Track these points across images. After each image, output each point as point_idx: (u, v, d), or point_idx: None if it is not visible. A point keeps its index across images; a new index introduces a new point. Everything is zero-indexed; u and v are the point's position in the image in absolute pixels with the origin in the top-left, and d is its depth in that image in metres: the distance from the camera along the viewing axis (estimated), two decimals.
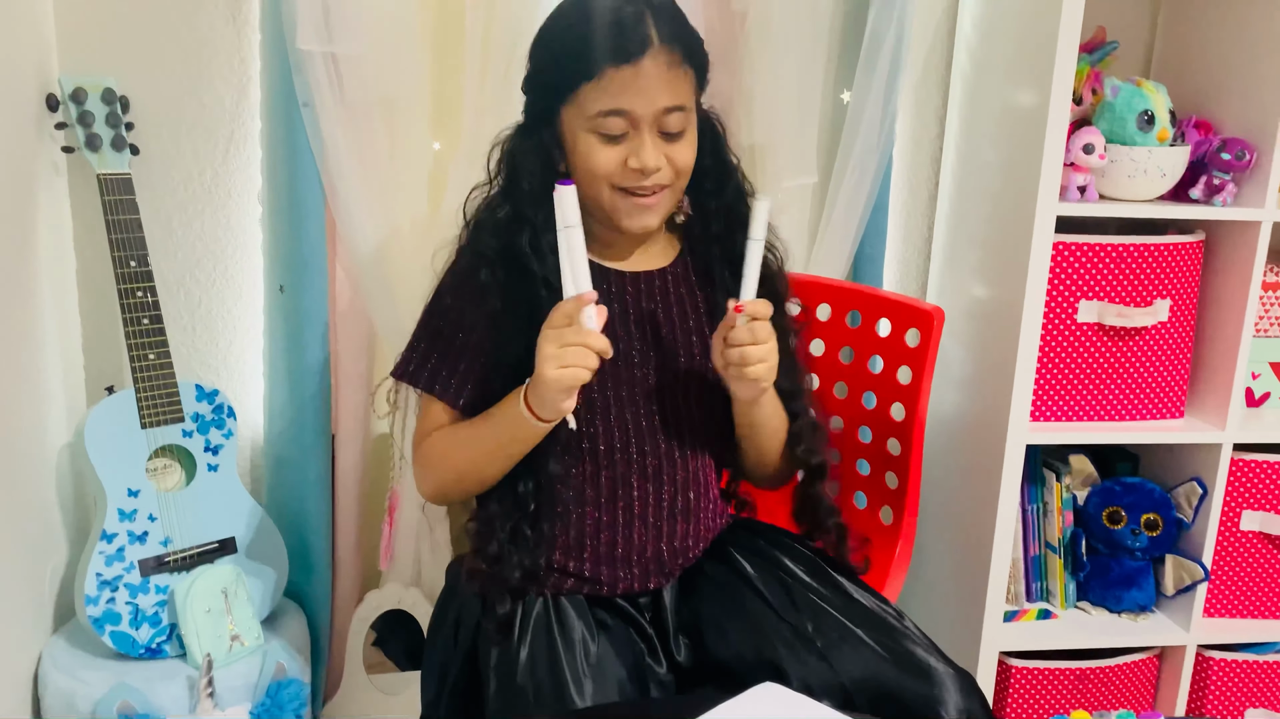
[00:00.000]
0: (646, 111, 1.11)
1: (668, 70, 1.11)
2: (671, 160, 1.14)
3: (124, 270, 1.51)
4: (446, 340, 1.20)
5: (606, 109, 1.11)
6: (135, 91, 1.58)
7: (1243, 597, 1.86)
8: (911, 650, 1.16)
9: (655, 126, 1.12)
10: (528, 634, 1.15)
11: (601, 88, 1.10)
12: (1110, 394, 1.74)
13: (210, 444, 1.60)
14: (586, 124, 1.12)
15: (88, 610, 1.48)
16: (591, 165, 1.14)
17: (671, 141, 1.14)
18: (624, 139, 1.12)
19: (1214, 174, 1.68)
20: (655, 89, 1.10)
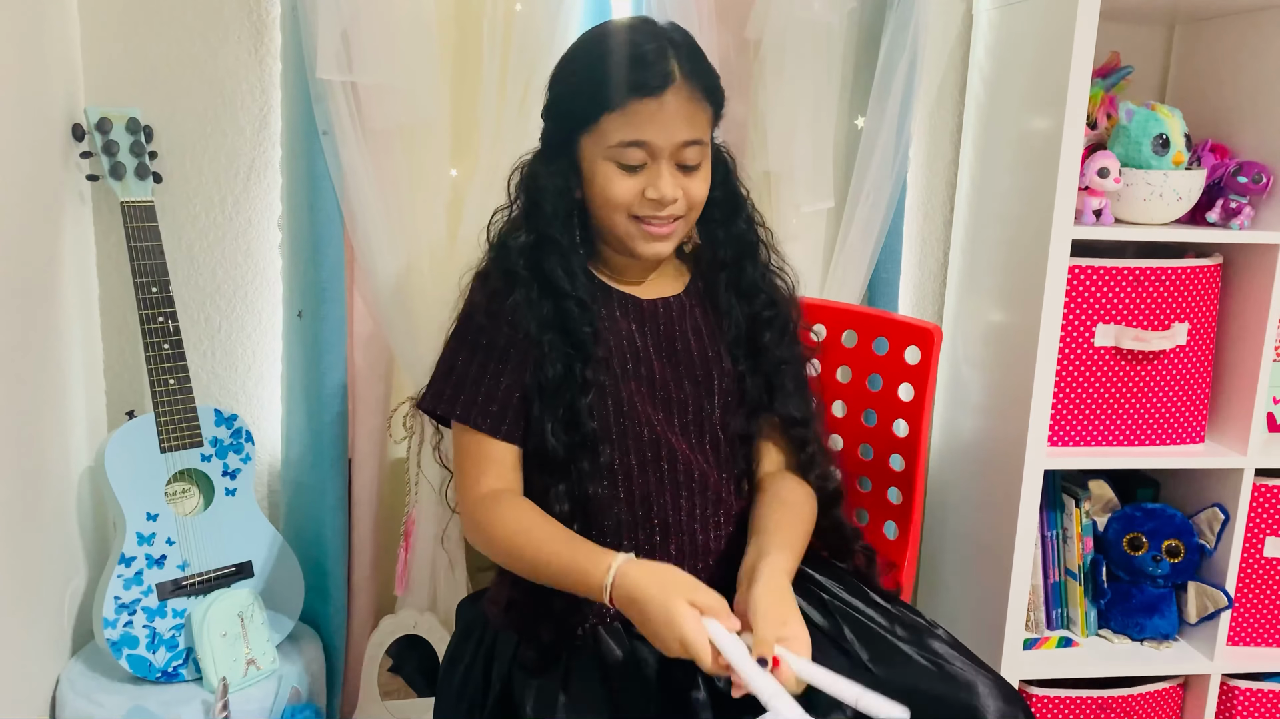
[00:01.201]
0: (666, 144, 1.13)
1: (688, 105, 1.13)
2: (687, 192, 1.17)
3: (145, 296, 1.53)
4: (480, 366, 1.18)
5: (628, 140, 1.13)
6: (159, 121, 1.61)
7: (1268, 624, 1.83)
8: (951, 661, 1.16)
9: (673, 159, 1.15)
10: (565, 669, 1.14)
11: (624, 119, 1.12)
12: (1129, 418, 1.73)
13: (228, 468, 1.61)
14: (606, 153, 1.14)
15: (105, 633, 1.48)
16: (610, 194, 1.15)
17: (688, 174, 1.16)
18: (642, 170, 1.15)
19: (1230, 197, 1.68)
20: (676, 123, 1.12)
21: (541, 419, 1.16)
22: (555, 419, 1.16)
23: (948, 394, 1.96)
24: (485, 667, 1.21)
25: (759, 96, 1.72)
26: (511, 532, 1.14)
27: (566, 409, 1.16)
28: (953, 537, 1.95)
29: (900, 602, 1.27)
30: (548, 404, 1.16)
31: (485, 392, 1.17)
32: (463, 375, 1.19)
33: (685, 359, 1.25)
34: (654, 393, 1.22)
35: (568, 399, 1.16)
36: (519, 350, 1.17)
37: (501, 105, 1.62)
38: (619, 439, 1.20)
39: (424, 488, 1.74)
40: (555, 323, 1.17)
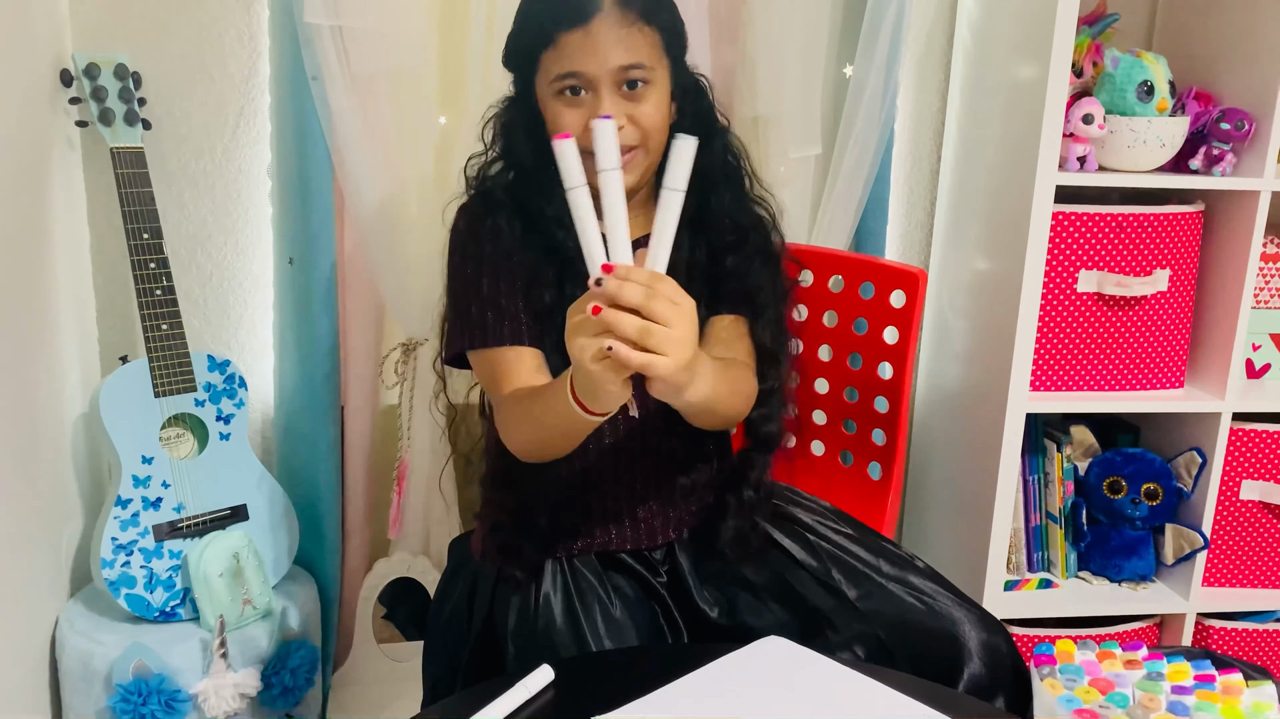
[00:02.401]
0: (600, 71, 1.11)
1: (620, 29, 1.11)
2: (635, 120, 1.14)
3: (137, 242, 1.54)
4: (479, 295, 1.18)
5: (562, 72, 1.12)
6: (147, 67, 1.61)
7: (1242, 566, 1.88)
8: (935, 595, 1.19)
9: (614, 86, 1.13)
10: (544, 598, 1.17)
11: (556, 53, 1.12)
12: (1110, 363, 1.76)
13: (222, 413, 1.63)
14: (549, 90, 1.15)
15: (103, 574, 1.51)
16: (559, 127, 1.14)
17: (634, 101, 1.14)
18: (584, 101, 1.13)
19: (1213, 144, 1.69)
20: (607, 49, 1.11)
21: (540, 343, 1.18)
22: (553, 340, 1.16)
23: (933, 341, 1.98)
24: (469, 601, 1.24)
25: (748, 42, 1.72)
26: (514, 416, 1.14)
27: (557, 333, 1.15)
28: (936, 481, 1.99)
29: (882, 538, 1.30)
30: (545, 328, 1.17)
31: (491, 315, 1.17)
32: (465, 310, 1.19)
33: None
34: None
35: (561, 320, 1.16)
36: (509, 269, 1.18)
37: (490, 51, 1.62)
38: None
39: (416, 433, 1.76)
40: (538, 244, 1.18)
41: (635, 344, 0.86)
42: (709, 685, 0.98)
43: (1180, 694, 0.73)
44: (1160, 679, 0.74)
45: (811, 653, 1.04)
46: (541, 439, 1.12)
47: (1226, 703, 0.71)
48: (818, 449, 1.64)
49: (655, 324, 0.86)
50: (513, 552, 1.19)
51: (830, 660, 1.02)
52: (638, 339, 0.86)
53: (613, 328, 0.86)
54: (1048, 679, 0.74)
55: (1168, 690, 0.73)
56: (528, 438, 1.14)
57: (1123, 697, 0.72)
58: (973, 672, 1.12)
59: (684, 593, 1.25)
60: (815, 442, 1.65)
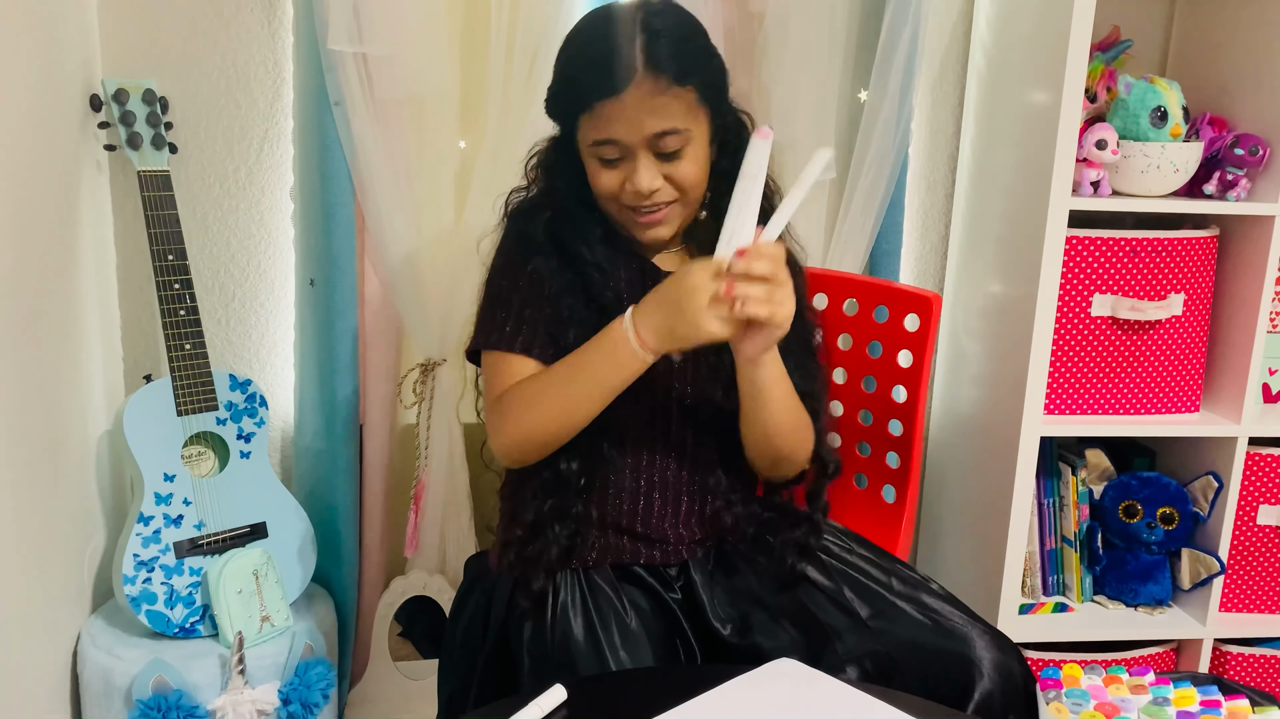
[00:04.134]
0: (635, 139, 1.13)
1: (652, 98, 1.11)
2: (671, 178, 1.16)
3: (162, 264, 1.57)
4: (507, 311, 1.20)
5: (599, 139, 1.14)
6: (174, 92, 1.65)
7: (1260, 591, 1.87)
8: (948, 615, 1.19)
9: (649, 150, 1.14)
10: (560, 609, 1.18)
11: (592, 120, 1.14)
12: (1124, 387, 1.76)
13: (243, 432, 1.65)
14: (587, 150, 1.17)
15: (125, 590, 1.53)
16: (596, 187, 1.18)
17: (671, 161, 1.15)
18: (621, 162, 1.16)
19: (1228, 169, 1.70)
20: (640, 117, 1.12)
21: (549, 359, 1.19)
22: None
23: (947, 365, 1.99)
24: (485, 613, 1.26)
25: (763, 69, 1.74)
26: (530, 389, 1.16)
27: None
28: (951, 504, 1.99)
29: (895, 559, 1.30)
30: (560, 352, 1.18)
31: (529, 323, 1.20)
32: (504, 313, 1.21)
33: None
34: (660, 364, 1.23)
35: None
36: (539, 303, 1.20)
37: (509, 77, 1.65)
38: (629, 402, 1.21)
39: (434, 453, 1.78)
40: (575, 287, 1.20)
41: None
42: (720, 707, 0.98)
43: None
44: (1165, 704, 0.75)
45: (823, 676, 1.04)
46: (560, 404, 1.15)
47: None
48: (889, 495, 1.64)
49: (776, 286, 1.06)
50: (530, 562, 1.20)
51: (842, 683, 1.02)
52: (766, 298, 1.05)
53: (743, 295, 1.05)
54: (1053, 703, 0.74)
55: (1173, 716, 0.74)
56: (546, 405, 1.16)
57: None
58: (984, 691, 1.12)
59: (697, 609, 1.26)
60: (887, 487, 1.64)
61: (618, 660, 1.14)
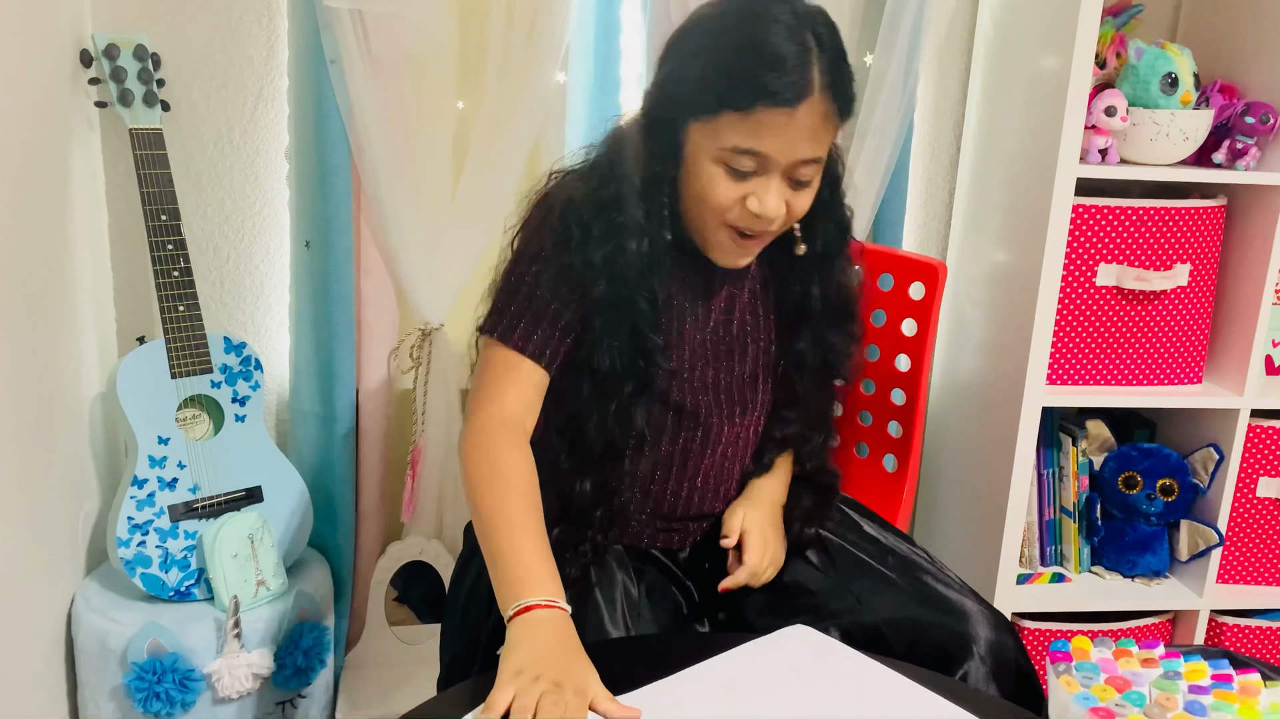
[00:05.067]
0: (784, 159, 1.04)
1: (819, 122, 1.03)
2: (790, 208, 1.08)
3: (155, 224, 1.55)
4: (543, 303, 1.12)
5: (744, 147, 1.03)
6: (166, 49, 1.61)
7: (1257, 563, 1.87)
8: (942, 591, 1.18)
9: (787, 174, 1.06)
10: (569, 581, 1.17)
11: (745, 123, 1.02)
12: (1128, 358, 1.75)
13: (238, 395, 1.63)
14: (716, 153, 1.05)
15: (119, 553, 1.52)
16: (710, 196, 1.07)
17: (796, 189, 1.08)
18: (750, 177, 1.05)
19: (1237, 138, 1.68)
20: (800, 139, 1.03)
21: (589, 407, 1.13)
22: (604, 412, 1.12)
23: (949, 333, 1.97)
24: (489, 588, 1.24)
25: None
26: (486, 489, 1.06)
27: (618, 405, 1.13)
28: (950, 473, 1.98)
29: (893, 530, 1.29)
30: (597, 394, 1.12)
31: (546, 326, 1.12)
32: (526, 304, 1.12)
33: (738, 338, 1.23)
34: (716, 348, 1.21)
35: (623, 396, 1.13)
36: (579, 310, 1.12)
37: (509, 38, 1.62)
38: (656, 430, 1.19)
39: (431, 418, 1.76)
40: (624, 314, 1.11)
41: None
42: (732, 671, 0.98)
43: (1197, 694, 0.72)
44: (1177, 678, 0.74)
45: (836, 643, 1.04)
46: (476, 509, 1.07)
47: (1244, 703, 0.71)
48: (890, 464, 1.64)
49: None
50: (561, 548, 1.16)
51: (854, 651, 1.02)
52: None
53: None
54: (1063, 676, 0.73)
55: (1184, 690, 0.73)
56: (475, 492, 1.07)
57: (1139, 695, 0.71)
58: (975, 668, 1.11)
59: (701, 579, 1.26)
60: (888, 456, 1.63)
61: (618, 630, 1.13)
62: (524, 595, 0.97)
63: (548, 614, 0.96)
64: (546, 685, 0.88)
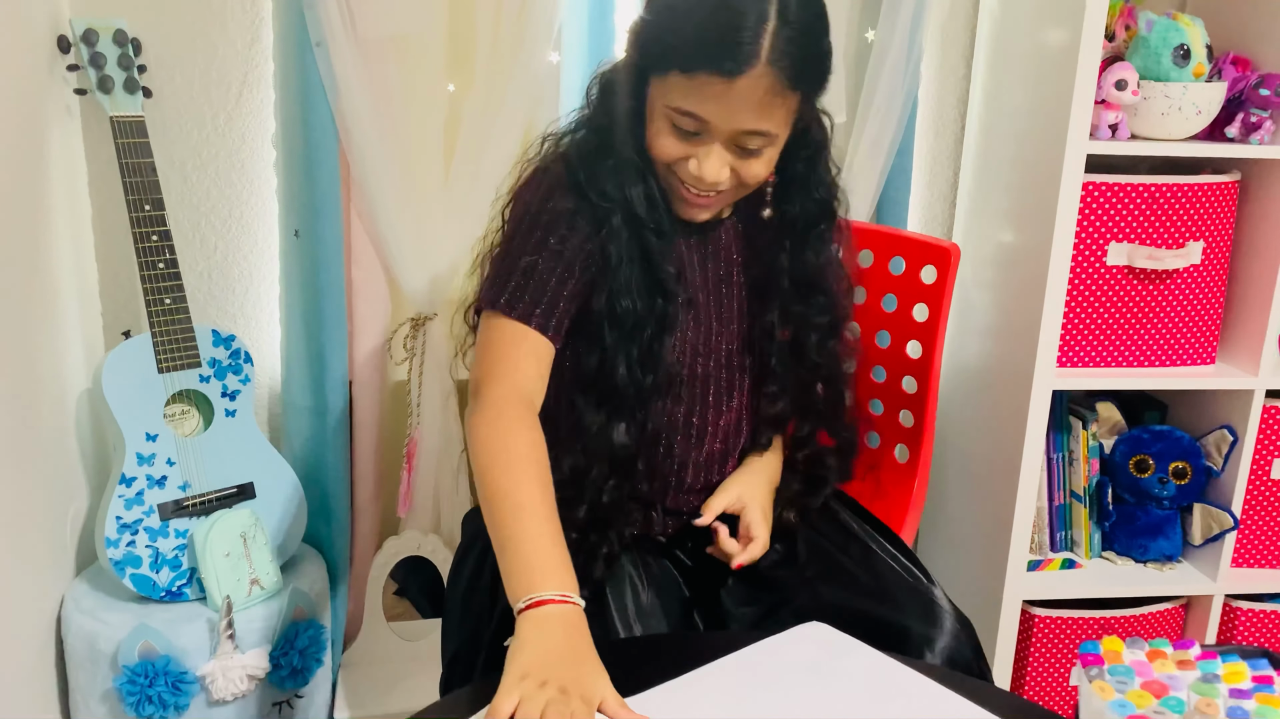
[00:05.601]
0: (724, 127, 1.02)
1: (763, 95, 1.00)
2: (737, 172, 1.07)
3: (139, 214, 1.50)
4: (547, 268, 1.09)
5: (685, 109, 1.02)
6: (146, 33, 1.56)
7: (1273, 546, 1.83)
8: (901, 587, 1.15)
9: (731, 142, 1.04)
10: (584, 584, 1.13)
11: (689, 85, 1.01)
12: (1140, 339, 1.71)
13: (227, 389, 1.59)
14: (663, 108, 1.05)
15: (108, 553, 1.48)
16: (655, 148, 1.07)
17: (745, 159, 1.06)
18: (693, 139, 1.04)
19: (1251, 111, 1.63)
20: (742, 110, 1.01)
21: (614, 352, 1.10)
22: (630, 355, 1.10)
23: (956, 315, 1.93)
24: (492, 579, 1.21)
25: None
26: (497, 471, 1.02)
27: (642, 345, 1.11)
28: (959, 458, 1.94)
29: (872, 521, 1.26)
30: (623, 338, 1.10)
31: (550, 296, 1.09)
32: (527, 274, 1.09)
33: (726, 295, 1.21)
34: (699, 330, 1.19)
35: (647, 336, 1.11)
36: (585, 264, 1.10)
37: (499, 16, 1.57)
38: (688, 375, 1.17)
39: (426, 410, 1.72)
40: (634, 254, 1.10)
41: None
42: (749, 668, 0.96)
43: (1239, 698, 0.69)
44: (1216, 681, 0.70)
45: (854, 641, 1.01)
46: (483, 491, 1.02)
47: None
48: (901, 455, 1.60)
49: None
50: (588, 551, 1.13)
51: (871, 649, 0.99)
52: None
53: None
54: (1096, 681, 0.69)
55: (1225, 694, 0.69)
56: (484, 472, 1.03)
57: (1178, 701, 0.68)
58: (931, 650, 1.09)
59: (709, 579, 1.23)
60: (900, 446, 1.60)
61: (629, 631, 1.10)
62: (536, 588, 0.93)
63: (560, 610, 0.92)
64: (553, 692, 0.85)
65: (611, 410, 1.13)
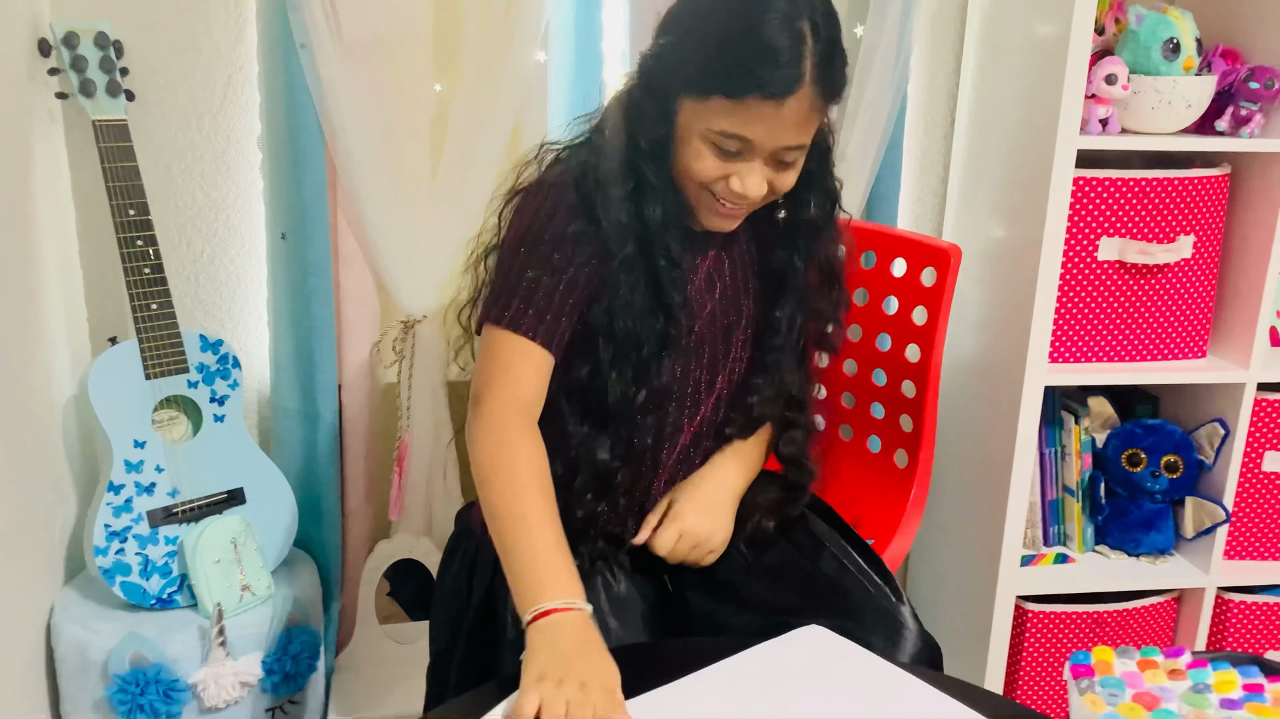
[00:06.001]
0: (770, 146, 1.06)
1: (807, 112, 1.05)
2: (772, 186, 1.10)
3: (123, 219, 1.49)
4: (551, 285, 1.10)
5: (731, 132, 1.04)
6: (128, 36, 1.54)
7: (1264, 538, 1.83)
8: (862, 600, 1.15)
9: (772, 158, 1.08)
10: None
11: (735, 110, 1.03)
12: (1131, 334, 1.70)
13: (216, 395, 1.58)
14: (704, 131, 1.06)
15: (97, 561, 1.47)
16: (694, 169, 1.08)
17: (779, 170, 1.09)
18: (736, 157, 1.07)
19: (1241, 104, 1.63)
20: (787, 129, 1.05)
21: (608, 368, 1.12)
22: (624, 373, 1.12)
23: None
24: (469, 575, 1.21)
25: None
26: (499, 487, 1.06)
27: (638, 363, 1.12)
28: (951, 455, 1.94)
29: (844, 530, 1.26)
30: (619, 356, 1.11)
31: (554, 311, 1.10)
32: (532, 289, 1.09)
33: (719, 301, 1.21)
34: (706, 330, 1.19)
35: (644, 355, 1.12)
36: (589, 280, 1.10)
37: (486, 15, 1.56)
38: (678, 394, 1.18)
39: (416, 413, 1.71)
40: (643, 279, 1.11)
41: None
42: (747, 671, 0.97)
43: (1229, 708, 0.69)
44: (1207, 691, 0.70)
45: (851, 645, 1.02)
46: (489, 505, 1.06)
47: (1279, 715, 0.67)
48: (846, 434, 1.60)
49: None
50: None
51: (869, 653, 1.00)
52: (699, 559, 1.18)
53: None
54: (1087, 694, 0.69)
55: (1216, 704, 0.69)
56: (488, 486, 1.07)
57: (1170, 714, 0.67)
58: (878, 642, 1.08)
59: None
60: (844, 425, 1.60)
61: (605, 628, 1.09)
62: (541, 599, 0.96)
63: (567, 617, 0.96)
64: (572, 689, 0.88)
65: (597, 425, 1.14)
